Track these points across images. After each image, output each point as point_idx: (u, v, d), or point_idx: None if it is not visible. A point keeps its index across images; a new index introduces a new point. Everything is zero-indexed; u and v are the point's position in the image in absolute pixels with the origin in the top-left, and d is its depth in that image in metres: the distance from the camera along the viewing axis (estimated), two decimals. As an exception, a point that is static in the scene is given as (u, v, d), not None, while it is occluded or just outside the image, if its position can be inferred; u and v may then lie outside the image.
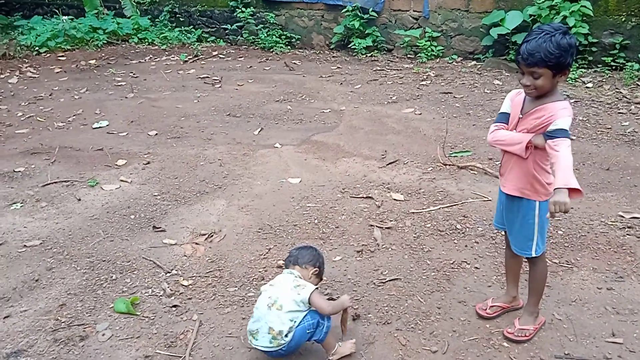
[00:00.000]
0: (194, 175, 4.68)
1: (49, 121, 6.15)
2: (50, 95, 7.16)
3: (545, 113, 2.29)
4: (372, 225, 3.76)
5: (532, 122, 2.35)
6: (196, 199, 4.26)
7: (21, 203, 4.20)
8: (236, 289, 3.13)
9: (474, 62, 8.04)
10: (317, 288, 2.56)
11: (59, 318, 2.87)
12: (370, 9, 8.55)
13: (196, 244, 3.64)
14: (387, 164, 4.76)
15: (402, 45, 8.58)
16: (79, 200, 4.24)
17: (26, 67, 8.53)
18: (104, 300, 3.03)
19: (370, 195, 4.18)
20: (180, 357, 2.60)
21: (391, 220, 3.81)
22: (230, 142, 5.44)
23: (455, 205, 3.99)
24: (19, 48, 9.16)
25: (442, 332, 2.73)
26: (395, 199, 4.12)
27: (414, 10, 8.51)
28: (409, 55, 8.54)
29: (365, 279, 3.18)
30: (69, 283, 3.19)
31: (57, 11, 10.84)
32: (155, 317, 2.89)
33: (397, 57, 8.60)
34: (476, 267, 3.25)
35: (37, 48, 9.32)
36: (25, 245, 3.59)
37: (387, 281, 3.15)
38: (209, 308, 2.96)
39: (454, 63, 8.11)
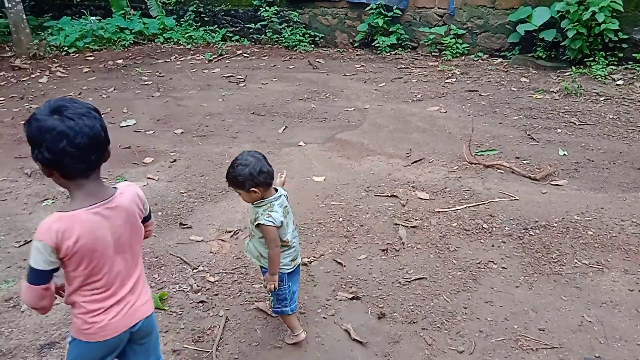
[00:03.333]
0: (220, 173, 4.72)
1: (78, 120, 6.26)
2: (79, 94, 7.29)
3: None
4: (397, 224, 3.74)
5: None
6: (222, 196, 4.30)
7: (52, 199, 4.30)
8: (262, 286, 3.15)
9: (500, 60, 7.93)
10: None
11: (89, 312, 2.93)
12: (395, 7, 8.50)
13: (222, 240, 3.67)
14: (412, 163, 4.73)
15: (426, 43, 8.52)
16: (108, 197, 4.31)
17: (56, 67, 8.70)
18: (132, 295, 3.08)
19: (395, 194, 4.17)
20: (208, 352, 2.63)
21: (416, 219, 3.79)
22: (254, 140, 5.48)
23: (481, 204, 3.95)
24: (48, 48, 9.35)
25: (468, 332, 2.71)
26: (420, 198, 4.10)
27: (438, 8, 8.43)
28: (433, 53, 8.47)
29: (390, 278, 3.17)
30: (99, 278, 3.25)
31: (85, 12, 11.05)
32: (182, 312, 2.93)
33: (422, 55, 8.54)
34: (503, 267, 3.22)
35: (66, 48, 9.51)
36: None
37: (412, 280, 3.13)
38: (235, 304, 2.99)
39: (479, 60, 8.02)
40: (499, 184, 4.27)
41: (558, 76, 6.99)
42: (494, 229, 3.63)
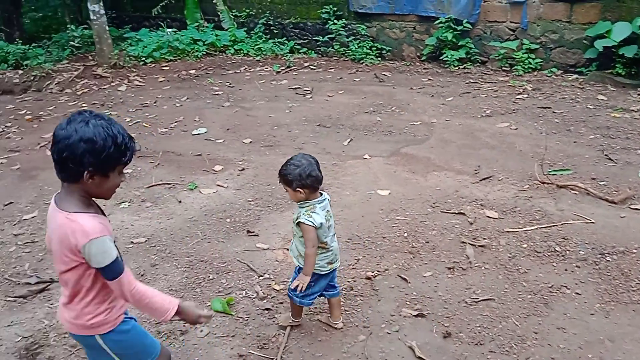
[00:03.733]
0: (286, 183, 4.80)
1: (153, 127, 6.58)
2: (154, 102, 7.65)
3: None
4: (464, 242, 3.67)
5: None
6: (287, 206, 4.38)
7: (129, 202, 4.53)
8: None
9: (575, 76, 7.64)
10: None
11: (161, 312, 3.05)
12: (465, 20, 8.39)
13: (287, 250, 3.73)
14: (481, 180, 4.63)
15: (497, 58, 8.34)
16: (180, 202, 4.49)
17: (134, 76, 9.17)
18: (201, 298, 3.19)
19: (462, 211, 4.09)
20: (272, 359, 2.68)
21: (484, 238, 3.70)
22: (320, 151, 5.54)
23: (554, 226, 3.80)
24: (127, 58, 9.87)
25: (539, 358, 2.61)
26: (489, 217, 4.00)
27: (510, 22, 8.24)
28: (504, 68, 8.27)
29: (456, 297, 3.11)
30: (171, 280, 3.39)
31: (162, 24, 11.59)
32: (249, 319, 3.00)
33: (492, 70, 8.36)
34: (577, 293, 3.08)
35: (143, 58, 10.00)
36: (132, 242, 3.86)
37: (479, 301, 3.06)
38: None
39: (553, 76, 7.75)
40: (573, 206, 4.10)
41: (639, 94, 6.65)
42: (567, 252, 3.49)
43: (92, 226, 1.72)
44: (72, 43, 11.02)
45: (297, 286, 2.62)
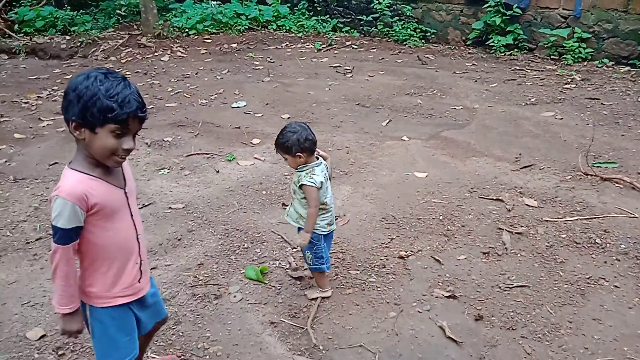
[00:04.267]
0: (322, 159, 4.81)
1: (194, 98, 6.66)
2: (196, 74, 7.73)
3: None
4: (500, 229, 3.62)
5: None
6: (323, 182, 4.38)
7: (168, 169, 4.62)
8: (357, 272, 3.19)
9: (627, 68, 7.34)
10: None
11: (197, 276, 3.13)
12: (515, 5, 8.13)
13: (321, 224, 3.75)
14: (521, 168, 4.54)
15: (545, 45, 8.07)
16: (218, 172, 4.56)
17: (177, 47, 9.27)
18: (236, 265, 3.25)
19: (500, 198, 4.02)
20: (303, 328, 2.71)
21: (522, 226, 3.64)
22: (358, 131, 5.52)
23: (595, 218, 3.70)
24: (171, 29, 9.97)
25: (572, 347, 2.57)
26: (527, 205, 3.93)
27: (563, 9, 7.95)
28: (552, 56, 8.01)
29: (490, 282, 3.08)
30: (207, 246, 3.46)
31: (207, -3, 11.65)
32: (281, 288, 3.04)
33: (539, 58, 8.10)
34: (615, 286, 3.01)
35: (187, 30, 10.08)
36: (170, 207, 3.95)
37: (514, 287, 3.02)
38: (330, 287, 3.04)
39: (603, 67, 7.47)
40: (617, 199, 3.98)
41: (694, 90, 6.37)
42: (607, 245, 3.40)
43: (68, 184, 1.67)
44: (118, 11, 11.20)
45: (316, 254, 2.80)
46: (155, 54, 8.91)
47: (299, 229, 2.81)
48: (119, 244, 1.83)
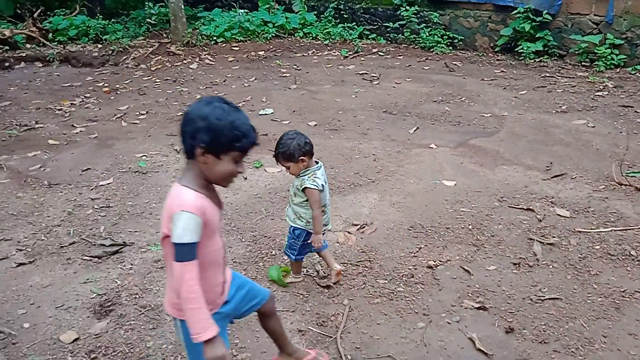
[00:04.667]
0: (349, 167, 4.81)
1: (222, 105, 6.72)
2: (224, 81, 7.83)
3: None
4: (531, 239, 3.56)
5: None
6: (350, 190, 4.39)
7: (197, 175, 4.66)
8: (386, 281, 3.17)
9: (662, 75, 7.18)
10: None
11: (225, 282, 3.15)
12: (545, 11, 8.03)
13: (348, 232, 3.75)
14: (552, 177, 4.46)
15: (576, 52, 7.94)
16: (245, 178, 4.59)
17: (205, 55, 9.40)
18: (264, 272, 3.26)
19: (531, 207, 3.96)
20: (331, 337, 2.71)
21: (554, 237, 3.57)
22: (385, 138, 5.50)
23: (630, 229, 3.61)
24: (200, 37, 10.12)
25: (607, 363, 2.51)
26: (559, 215, 3.85)
27: (594, 15, 7.82)
28: (583, 63, 7.87)
29: (521, 293, 3.03)
30: (235, 252, 3.49)
31: (235, 5, 11.81)
32: (309, 296, 3.04)
33: (570, 64, 7.97)
34: (652, 300, 2.93)
35: (215, 38, 10.22)
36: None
37: (545, 299, 2.97)
38: (359, 296, 3.04)
39: (637, 74, 7.31)
40: (653, 210, 3.88)
41: None
42: (643, 257, 3.31)
43: (190, 200, 1.74)
44: (148, 20, 11.42)
45: (291, 245, 3.03)
46: (184, 61, 9.05)
47: (294, 228, 2.97)
48: (212, 260, 1.88)
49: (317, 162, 2.88)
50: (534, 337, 2.68)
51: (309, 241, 2.96)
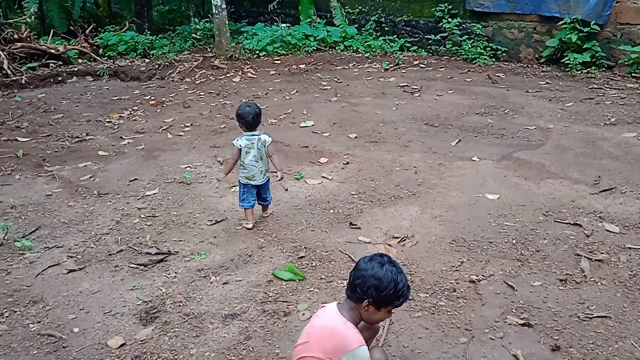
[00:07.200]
0: (389, 179, 4.80)
1: (264, 117, 6.78)
2: (266, 94, 7.95)
3: None
4: (578, 255, 3.45)
5: None
6: (390, 202, 4.37)
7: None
8: (427, 295, 3.14)
9: None
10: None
11: (267, 292, 3.19)
12: (592, 22, 7.82)
13: (389, 245, 3.73)
14: (601, 191, 4.32)
15: (626, 62, 7.69)
16: (286, 190, 4.64)
17: (247, 68, 9.59)
18: (304, 283, 3.28)
19: (578, 222, 3.85)
20: (371, 350, 2.69)
21: (602, 253, 3.46)
22: (426, 150, 5.46)
23: (685, 246, 3.46)
24: (243, 51, 10.35)
25: (661, 386, 2.40)
26: (608, 230, 3.73)
27: (645, 24, 7.57)
28: (634, 74, 7.61)
29: (567, 311, 2.94)
30: (276, 262, 3.52)
31: (277, 19, 12.02)
32: (349, 308, 3.03)
33: (619, 75, 7.72)
34: None
35: (257, 52, 10.42)
36: (242, 225, 4.06)
37: (594, 317, 2.87)
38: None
39: (691, 85, 7.03)
40: None
41: None
42: (700, 276, 3.16)
43: (359, 338, 2.14)
44: (193, 35, 11.76)
45: (239, 196, 4.04)
46: (227, 75, 9.25)
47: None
48: None
49: (256, 135, 3.91)
50: (582, 356, 2.60)
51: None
